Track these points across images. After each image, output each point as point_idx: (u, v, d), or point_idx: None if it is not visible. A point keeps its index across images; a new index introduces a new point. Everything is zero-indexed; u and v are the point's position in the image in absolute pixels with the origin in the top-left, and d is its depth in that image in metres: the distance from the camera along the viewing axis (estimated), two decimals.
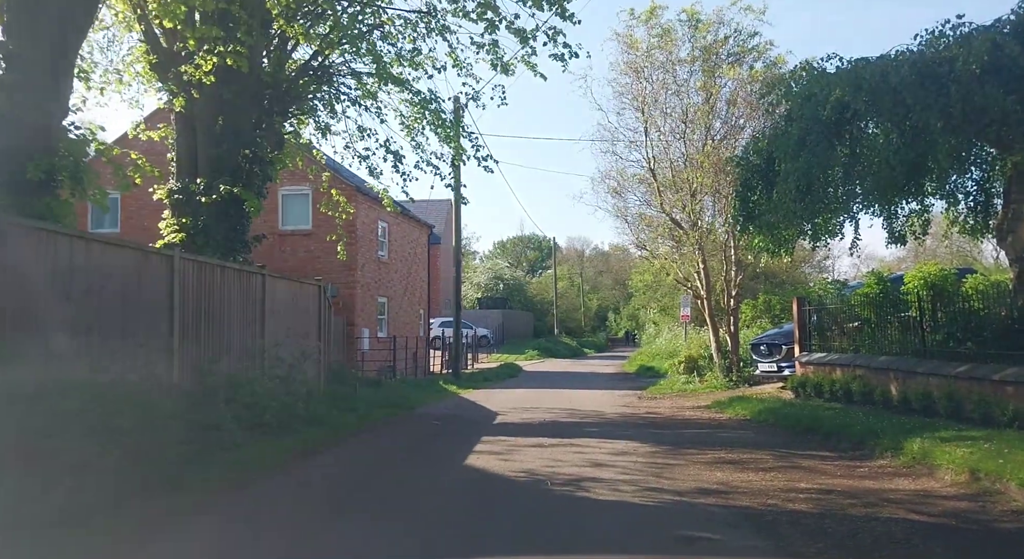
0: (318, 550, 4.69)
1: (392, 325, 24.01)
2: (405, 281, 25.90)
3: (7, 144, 7.68)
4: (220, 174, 11.39)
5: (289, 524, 5.43)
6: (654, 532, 4.95)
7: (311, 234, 21.02)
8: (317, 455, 8.41)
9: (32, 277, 6.31)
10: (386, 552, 4.55)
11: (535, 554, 4.49)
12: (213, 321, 9.55)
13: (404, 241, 26.04)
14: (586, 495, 5.95)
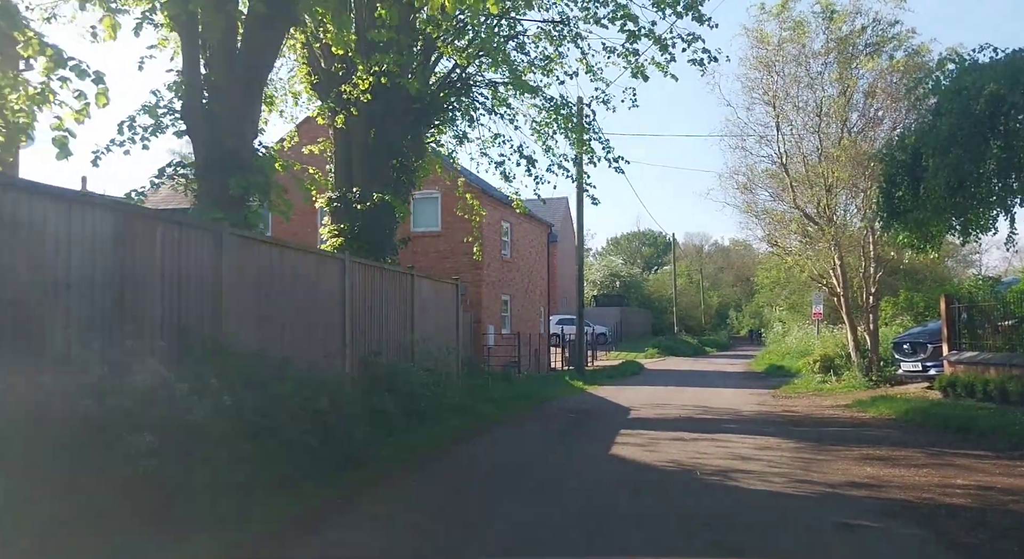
0: (494, 524, 5.29)
1: (515, 322, 24.84)
2: (527, 279, 26.69)
3: (212, 163, 8.91)
4: (372, 183, 12.46)
5: (461, 500, 6.11)
6: (808, 519, 5.21)
7: (440, 235, 22.12)
8: (471, 441, 9.14)
9: (242, 279, 7.38)
10: (558, 528, 5.07)
11: (699, 535, 4.85)
12: (374, 317, 10.55)
13: (526, 240, 26.84)
14: (736, 484, 6.26)
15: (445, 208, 21.78)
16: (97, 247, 5.40)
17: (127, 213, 5.85)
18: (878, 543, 4.67)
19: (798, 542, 4.66)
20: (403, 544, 4.89)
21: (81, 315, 5.22)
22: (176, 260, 6.33)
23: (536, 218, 27.98)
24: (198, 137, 8.88)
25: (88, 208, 5.40)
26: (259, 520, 5.11)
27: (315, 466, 6.55)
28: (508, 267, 24.68)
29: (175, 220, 6.56)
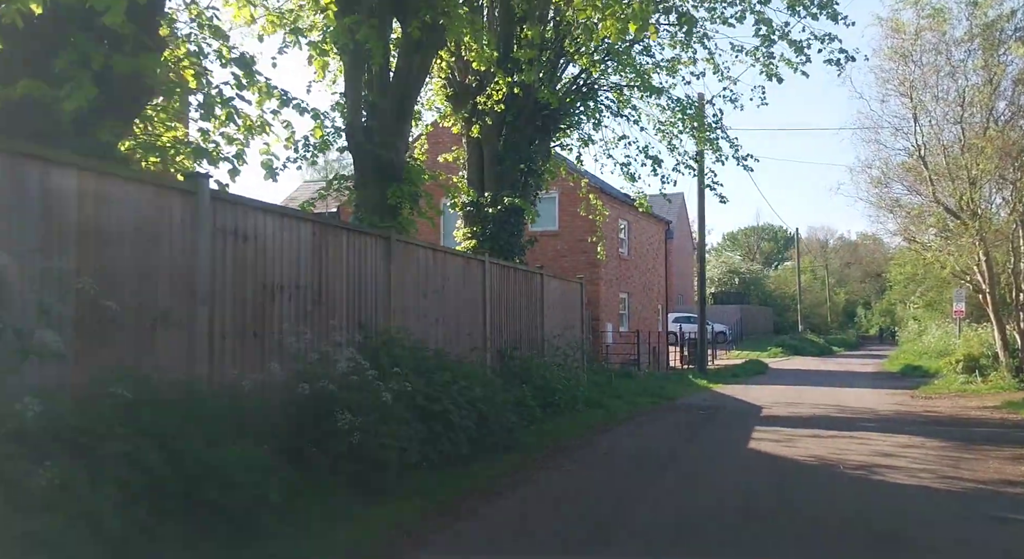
0: (649, 504, 5.76)
1: (633, 320, 25.03)
2: (644, 277, 26.79)
3: (370, 175, 9.90)
4: (502, 187, 13.19)
5: (611, 481, 6.62)
6: (961, 511, 5.34)
7: (557, 234, 22.65)
8: (608, 432, 9.63)
9: (405, 279, 8.23)
10: (711, 510, 5.47)
11: (851, 522, 5.10)
12: (509, 314, 11.25)
13: (643, 238, 26.95)
14: (882, 478, 6.41)
15: (562, 208, 22.31)
16: (301, 254, 6.33)
17: (322, 225, 6.77)
18: None
19: (953, 532, 4.84)
20: (574, 514, 5.45)
21: (291, 313, 6.15)
22: (356, 264, 7.23)
23: (654, 215, 27.99)
24: (358, 152, 9.89)
25: (294, 221, 6.34)
26: (439, 491, 5.83)
27: (472, 448, 7.26)
28: (626, 265, 24.92)
29: (355, 229, 7.48)
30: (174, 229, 4.98)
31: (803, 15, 9.61)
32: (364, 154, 9.83)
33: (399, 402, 6.26)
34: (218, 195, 5.41)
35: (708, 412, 12.09)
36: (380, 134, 9.81)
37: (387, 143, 9.87)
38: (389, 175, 9.84)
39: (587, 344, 15.73)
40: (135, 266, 4.63)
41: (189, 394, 4.75)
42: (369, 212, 9.76)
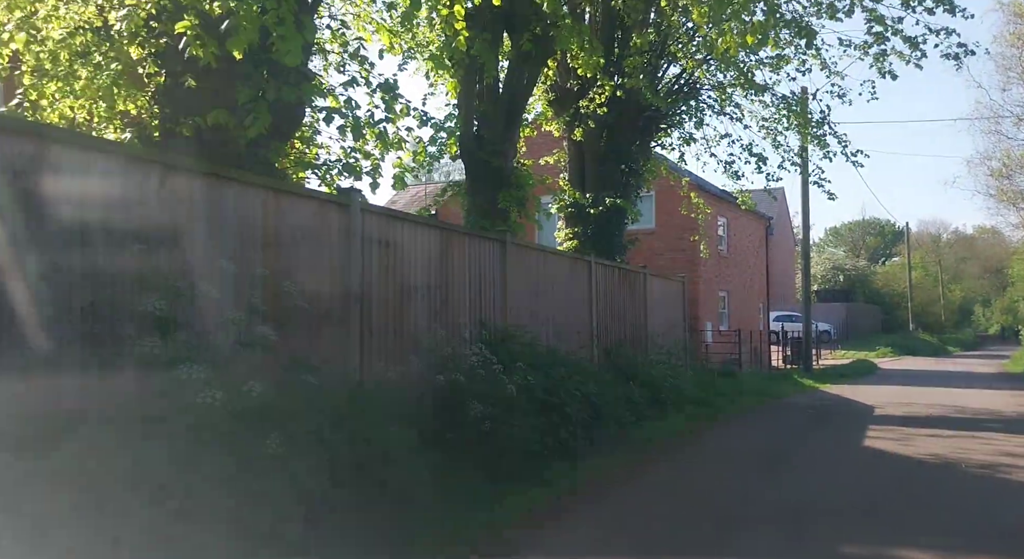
0: (770, 495, 5.97)
1: (733, 318, 24.69)
2: (744, 275, 26.36)
3: (481, 181, 10.49)
4: (603, 188, 13.49)
5: (724, 476, 6.84)
6: None
7: (654, 233, 22.64)
8: (717, 429, 9.81)
9: (518, 280, 8.72)
10: (833, 504, 5.62)
11: (977, 517, 5.15)
12: (613, 313, 11.56)
13: (743, 235, 26.52)
14: (1008, 477, 6.35)
15: (659, 206, 22.29)
16: (432, 259, 6.92)
17: (448, 231, 7.35)
18: None
19: None
20: (691, 506, 5.75)
21: (424, 311, 6.75)
22: (476, 266, 7.77)
23: (754, 212, 27.48)
24: (470, 160, 10.50)
25: (425, 228, 6.94)
26: (570, 481, 6.24)
27: (586, 439, 7.66)
28: (725, 263, 24.62)
29: (475, 234, 8.03)
30: (332, 238, 5.64)
31: (918, 10, 9.42)
32: (476, 162, 10.44)
33: (522, 394, 6.75)
34: (366, 207, 6.04)
35: (817, 411, 11.98)
36: (490, 142, 10.39)
37: (497, 151, 10.44)
38: (499, 181, 10.41)
39: (689, 343, 15.80)
40: (306, 270, 5.31)
41: (348, 383, 5.39)
42: (480, 216, 10.36)
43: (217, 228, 4.44)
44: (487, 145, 10.38)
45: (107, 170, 3.90)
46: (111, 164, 3.96)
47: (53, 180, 3.44)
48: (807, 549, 4.47)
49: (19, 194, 3.30)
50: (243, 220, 4.73)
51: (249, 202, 4.79)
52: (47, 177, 3.40)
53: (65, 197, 3.51)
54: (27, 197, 3.31)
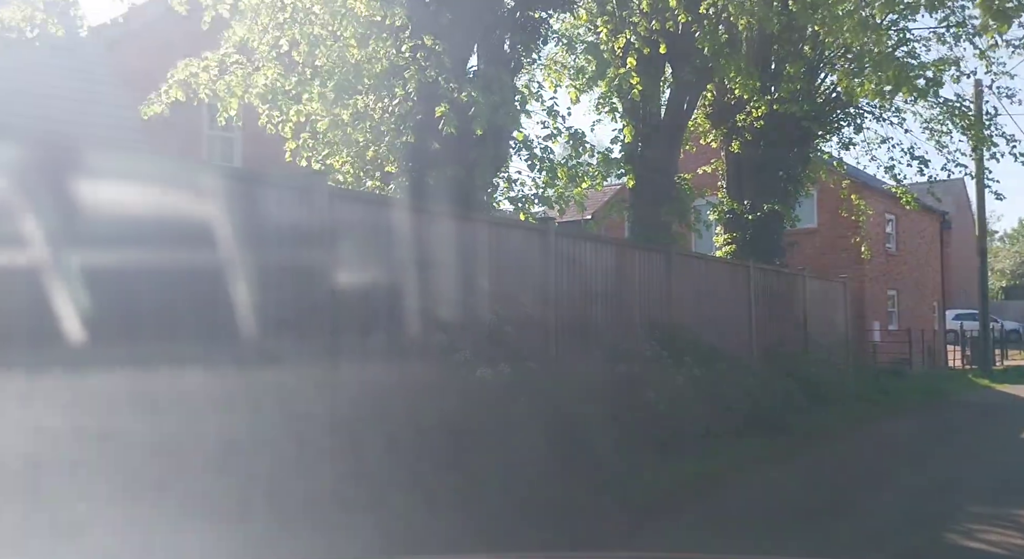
0: (924, 476, 6.77)
1: (903, 318, 23.92)
2: (915, 273, 25.35)
3: (646, 196, 11.77)
4: (760, 195, 14.22)
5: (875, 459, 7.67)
6: None
7: (816, 231, 22.53)
8: (876, 422, 10.42)
9: (682, 285, 9.92)
10: (978, 483, 6.38)
11: None
12: (772, 313, 12.37)
13: (913, 232, 25.50)
14: None
15: (821, 205, 22.18)
16: (608, 270, 8.37)
17: (621, 246, 8.80)
18: None
19: None
20: (869, 479, 6.67)
21: (603, 313, 8.21)
22: (645, 273, 9.12)
23: (926, 208, 26.30)
24: (636, 176, 11.83)
25: (602, 244, 8.43)
26: (733, 458, 7.39)
27: (746, 426, 8.73)
28: (893, 261, 23.92)
29: (643, 247, 9.39)
30: (535, 257, 7.26)
31: None
32: (641, 178, 11.75)
33: (689, 385, 8.01)
34: (558, 231, 7.62)
35: (983, 409, 12.06)
36: (653, 161, 11.67)
37: (661, 169, 11.69)
38: (662, 196, 11.66)
39: (851, 342, 16.04)
40: (516, 282, 6.96)
41: (549, 370, 6.96)
42: (645, 228, 11.66)
43: (467, 257, 6.18)
44: (650, 164, 11.66)
45: (397, 217, 5.73)
46: (395, 212, 5.78)
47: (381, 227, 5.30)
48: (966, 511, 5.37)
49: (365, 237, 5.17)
50: (478, 248, 6.45)
51: (479, 234, 6.50)
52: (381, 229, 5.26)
53: (388, 237, 5.36)
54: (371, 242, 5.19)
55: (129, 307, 4.02)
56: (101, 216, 3.97)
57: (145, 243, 4.10)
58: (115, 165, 4.49)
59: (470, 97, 6.24)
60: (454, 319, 5.55)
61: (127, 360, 3.72)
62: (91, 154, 4.46)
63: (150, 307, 4.13)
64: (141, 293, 4.08)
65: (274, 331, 4.73)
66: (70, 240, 3.77)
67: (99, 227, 3.93)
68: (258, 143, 11.57)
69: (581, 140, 7.51)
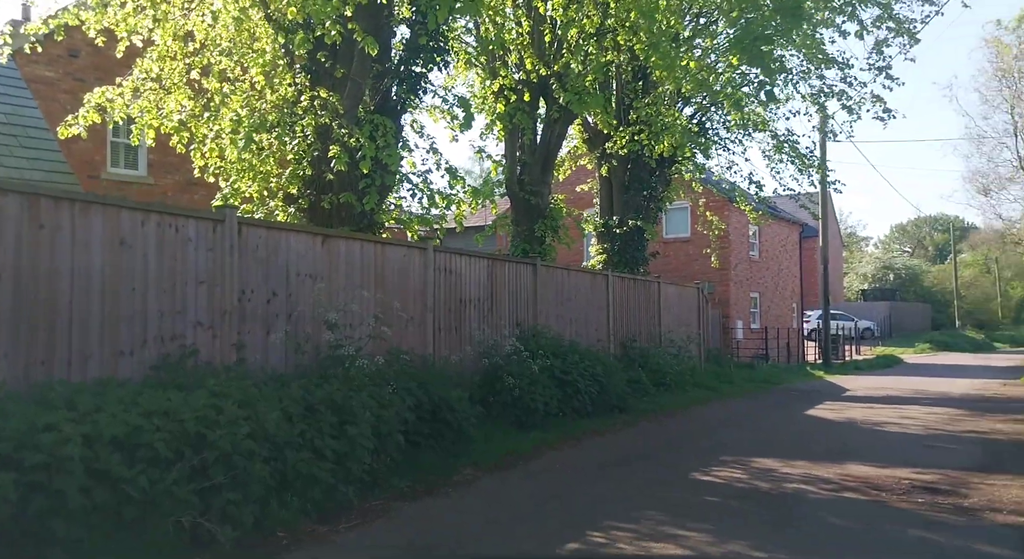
0: (725, 441, 8.80)
1: (764, 317, 26.98)
2: (776, 277, 28.58)
3: (523, 214, 13.58)
4: (627, 212, 16.35)
5: (701, 430, 9.68)
6: (911, 443, 7.95)
7: (690, 240, 25.20)
8: (706, 405, 12.59)
9: (547, 291, 11.74)
10: (769, 444, 8.43)
11: (851, 452, 7.88)
12: (629, 314, 14.44)
13: (774, 240, 28.72)
14: (881, 429, 9.01)
15: (694, 216, 24.84)
16: (481, 279, 10.03)
17: (493, 259, 10.46)
18: (942, 452, 7.37)
19: (888, 451, 7.55)
20: (666, 443, 8.65)
21: (475, 316, 9.87)
22: (514, 283, 10.84)
23: (786, 219, 29.66)
24: (514, 198, 13.61)
25: (476, 259, 10.06)
26: (573, 431, 9.20)
27: (594, 408, 10.59)
28: (756, 267, 26.92)
29: (513, 260, 11.12)
30: (416, 269, 8.81)
31: (854, 84, 11.91)
32: (518, 200, 13.56)
33: (543, 373, 9.77)
34: (437, 248, 9.20)
35: (799, 394, 14.55)
36: (530, 184, 13.49)
37: (535, 191, 13.53)
38: (536, 214, 13.49)
39: (704, 339, 18.42)
40: (398, 291, 8.49)
41: (425, 363, 8.53)
42: (522, 241, 13.49)
43: (354, 270, 7.68)
44: (527, 186, 13.48)
45: (297, 240, 7.16)
46: (300, 237, 7.21)
47: (281, 246, 6.73)
48: (719, 460, 7.35)
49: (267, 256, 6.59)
50: (364, 264, 7.96)
51: (369, 251, 8.01)
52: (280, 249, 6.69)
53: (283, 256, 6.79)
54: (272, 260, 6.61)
55: (49, 308, 5.30)
56: None
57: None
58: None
59: (358, 142, 7.74)
60: (342, 321, 7.03)
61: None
62: None
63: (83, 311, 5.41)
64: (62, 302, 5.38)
65: (192, 331, 6.08)
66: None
67: None
68: (164, 151, 12.54)
69: (455, 174, 9.14)
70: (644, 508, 5.45)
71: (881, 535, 4.71)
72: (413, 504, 5.74)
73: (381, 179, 8.48)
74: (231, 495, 4.62)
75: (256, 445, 4.93)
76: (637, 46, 10.67)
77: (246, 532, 4.59)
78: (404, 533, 5.01)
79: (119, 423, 4.31)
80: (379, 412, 6.46)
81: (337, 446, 5.77)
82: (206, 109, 9.77)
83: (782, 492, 5.94)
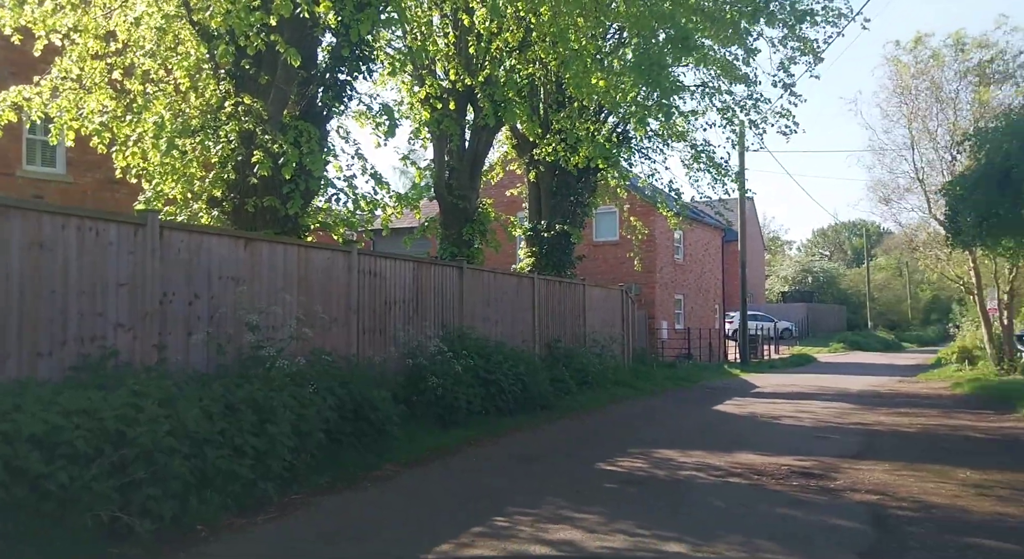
0: (638, 435, 9.36)
1: (688, 318, 28.12)
2: (699, 279, 29.81)
3: (451, 218, 13.93)
4: (555, 216, 16.91)
5: (624, 424, 10.23)
6: (801, 434, 8.70)
7: (618, 244, 26.03)
8: (624, 402, 13.23)
9: (473, 293, 12.13)
10: (674, 437, 9.03)
11: (745, 443, 8.54)
12: (554, 316, 14.98)
13: (698, 244, 29.94)
14: (776, 422, 9.77)
15: (623, 222, 25.69)
16: (407, 282, 10.34)
17: (419, 263, 10.77)
18: (825, 442, 8.13)
19: (779, 440, 8.26)
20: (581, 438, 9.14)
21: (400, 317, 10.16)
22: (440, 285, 11.18)
23: (709, 224, 30.94)
24: (443, 202, 13.95)
25: (402, 262, 10.36)
26: (495, 428, 9.60)
27: (517, 406, 11.03)
28: (680, 269, 28.01)
29: (439, 263, 11.46)
30: (340, 272, 9.05)
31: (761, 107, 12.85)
32: (447, 203, 13.91)
33: (467, 372, 10.13)
34: (362, 251, 9.46)
35: (712, 391, 15.40)
36: (458, 189, 13.86)
37: (463, 195, 13.91)
38: (464, 218, 13.87)
39: (637, 339, 19.20)
40: (322, 293, 8.71)
41: (349, 363, 8.78)
42: (450, 244, 13.84)
43: (277, 273, 7.88)
44: (455, 191, 13.84)
45: (220, 243, 7.32)
46: (222, 241, 7.38)
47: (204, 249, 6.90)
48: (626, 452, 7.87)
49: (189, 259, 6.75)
50: (287, 267, 8.16)
51: (292, 255, 8.22)
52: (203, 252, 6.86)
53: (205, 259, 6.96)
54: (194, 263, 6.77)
55: None
56: None
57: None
58: None
59: (282, 147, 7.94)
60: (264, 323, 7.24)
61: None
62: None
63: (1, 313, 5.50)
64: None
65: (113, 332, 6.20)
66: None
67: None
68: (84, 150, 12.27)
69: (379, 179, 9.42)
70: (549, 496, 5.89)
71: (752, 513, 5.28)
72: (333, 498, 6.02)
73: (305, 184, 8.68)
74: (151, 490, 4.81)
75: (176, 442, 5.13)
76: (552, 63, 11.18)
77: (165, 526, 4.79)
78: (320, 524, 5.30)
79: (38, 421, 4.46)
80: (300, 411, 6.69)
81: (258, 444, 5.98)
82: (129, 110, 9.73)
83: (675, 479, 6.50)
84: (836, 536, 4.74)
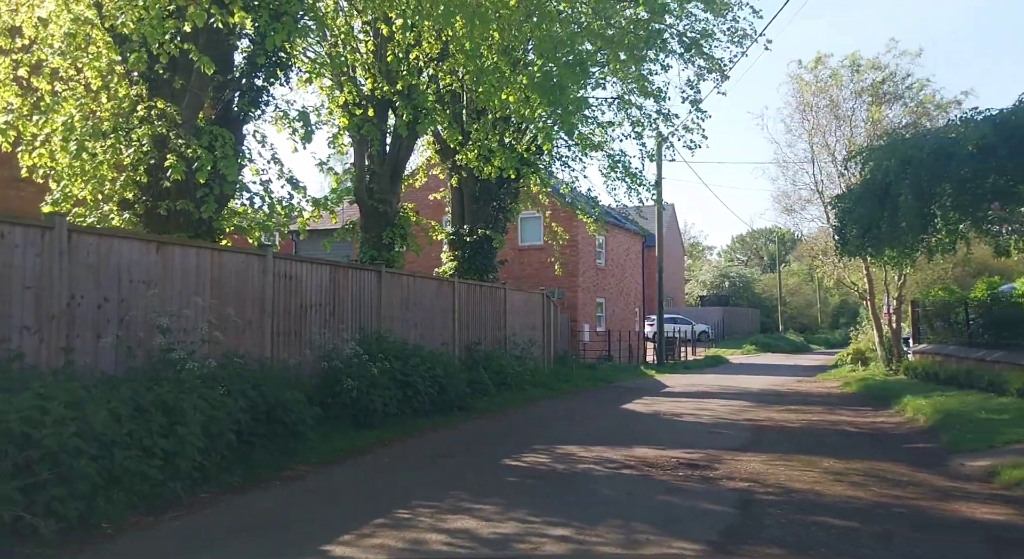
0: (549, 432, 9.79)
1: (610, 321, 29.03)
2: (620, 283, 30.80)
3: (372, 221, 14.11)
4: (478, 221, 17.29)
5: (528, 424, 10.65)
6: (697, 430, 9.36)
7: (543, 248, 26.61)
8: (540, 402, 13.70)
9: (392, 297, 12.36)
10: (581, 434, 9.51)
11: (644, 438, 9.10)
12: (475, 319, 15.34)
13: (619, 250, 30.94)
14: (678, 419, 10.44)
15: (547, 226, 26.32)
16: (323, 285, 10.49)
17: (335, 266, 10.93)
18: (718, 436, 8.80)
19: (677, 435, 8.88)
20: (493, 436, 9.50)
21: (317, 321, 10.30)
22: (358, 288, 11.37)
23: (629, 230, 32.01)
24: (363, 205, 14.11)
25: (318, 266, 10.51)
26: (411, 429, 9.85)
27: (434, 407, 11.32)
28: (602, 274, 28.89)
29: (357, 267, 11.64)
30: (254, 275, 9.14)
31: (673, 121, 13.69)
32: (367, 207, 14.07)
33: (383, 375, 10.36)
34: (277, 255, 9.57)
35: (625, 391, 16.10)
36: (379, 192, 14.05)
37: (383, 199, 14.10)
38: (385, 221, 14.07)
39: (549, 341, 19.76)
40: (236, 296, 8.79)
41: (263, 366, 8.89)
42: (371, 247, 14.01)
43: (189, 276, 7.95)
44: (376, 195, 14.02)
45: (131, 247, 7.35)
46: (133, 244, 7.40)
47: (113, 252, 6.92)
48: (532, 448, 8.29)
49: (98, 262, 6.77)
50: (200, 270, 8.23)
51: (203, 259, 8.28)
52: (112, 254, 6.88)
53: (115, 262, 6.99)
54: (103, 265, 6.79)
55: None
56: None
57: None
58: None
59: (196, 152, 8.02)
60: (175, 326, 7.31)
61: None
62: None
63: None
64: None
65: (18, 335, 6.19)
66: None
67: None
68: None
69: (296, 184, 9.57)
70: (453, 489, 6.24)
71: (636, 499, 5.78)
72: (241, 497, 6.19)
73: (220, 188, 8.76)
74: (56, 491, 4.90)
75: (83, 443, 5.21)
76: (465, 76, 11.57)
77: (71, 525, 4.89)
78: (227, 521, 5.48)
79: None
80: (211, 413, 6.81)
81: (167, 445, 6.09)
82: (36, 109, 9.53)
83: (573, 472, 6.96)
84: (705, 518, 5.27)
